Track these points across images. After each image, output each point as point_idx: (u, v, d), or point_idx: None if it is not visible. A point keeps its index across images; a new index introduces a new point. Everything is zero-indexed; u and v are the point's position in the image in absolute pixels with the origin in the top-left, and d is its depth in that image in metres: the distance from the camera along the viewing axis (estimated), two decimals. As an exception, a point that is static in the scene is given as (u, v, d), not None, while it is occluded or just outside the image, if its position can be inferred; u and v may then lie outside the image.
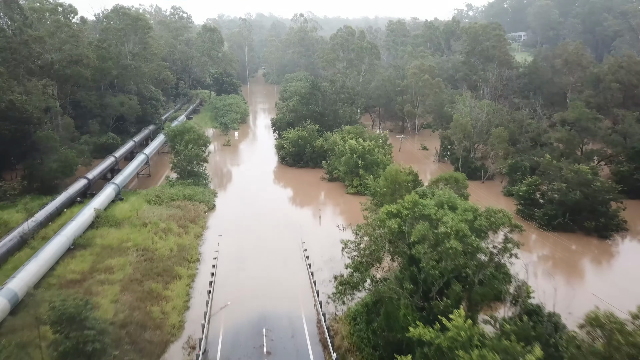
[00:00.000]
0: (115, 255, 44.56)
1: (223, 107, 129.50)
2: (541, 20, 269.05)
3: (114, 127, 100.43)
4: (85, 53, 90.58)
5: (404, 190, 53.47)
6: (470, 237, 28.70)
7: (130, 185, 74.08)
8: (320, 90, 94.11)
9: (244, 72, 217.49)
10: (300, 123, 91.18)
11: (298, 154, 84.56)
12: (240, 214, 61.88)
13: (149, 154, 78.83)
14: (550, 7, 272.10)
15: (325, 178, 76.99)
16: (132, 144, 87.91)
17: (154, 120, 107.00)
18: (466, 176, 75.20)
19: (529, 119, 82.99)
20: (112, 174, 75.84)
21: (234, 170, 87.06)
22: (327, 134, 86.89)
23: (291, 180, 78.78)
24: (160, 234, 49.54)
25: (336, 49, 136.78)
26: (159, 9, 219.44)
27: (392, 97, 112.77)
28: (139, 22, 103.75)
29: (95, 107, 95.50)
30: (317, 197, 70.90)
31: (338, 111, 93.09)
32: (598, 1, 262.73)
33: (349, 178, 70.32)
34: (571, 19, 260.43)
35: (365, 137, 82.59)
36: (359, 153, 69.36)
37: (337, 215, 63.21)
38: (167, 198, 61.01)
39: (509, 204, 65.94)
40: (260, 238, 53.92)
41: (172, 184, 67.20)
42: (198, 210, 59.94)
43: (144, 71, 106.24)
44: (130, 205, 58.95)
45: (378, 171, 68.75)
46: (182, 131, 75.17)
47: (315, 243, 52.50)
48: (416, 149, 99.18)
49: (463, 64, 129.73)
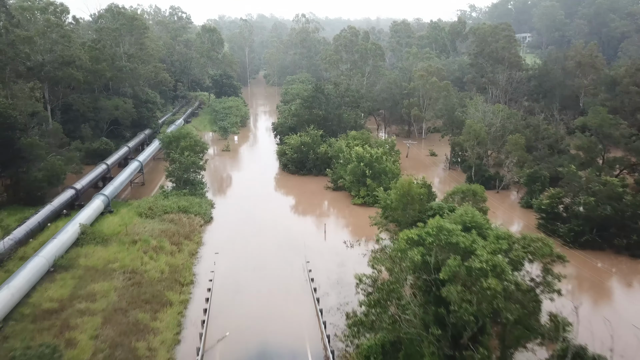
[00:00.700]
0: (100, 278, 40.10)
1: (222, 110, 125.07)
2: (546, 21, 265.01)
3: (108, 132, 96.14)
4: (77, 54, 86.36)
5: (417, 204, 49.05)
6: (509, 274, 24.20)
7: (123, 195, 69.73)
8: (323, 94, 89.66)
9: (244, 73, 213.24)
10: (303, 128, 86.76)
11: (300, 160, 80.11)
12: (238, 228, 57.42)
13: (142, 161, 74.40)
14: (555, 8, 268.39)
15: (329, 187, 72.53)
16: (125, 149, 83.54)
17: (150, 124, 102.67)
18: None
19: (544, 124, 78.42)
20: (104, 182, 71.63)
21: (233, 178, 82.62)
22: (331, 140, 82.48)
23: (293, 189, 74.32)
24: (151, 253, 45.05)
25: (339, 50, 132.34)
26: (158, 9, 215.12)
27: (398, 100, 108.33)
28: (135, 22, 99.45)
29: (88, 110, 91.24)
30: (321, 208, 66.40)
31: (342, 115, 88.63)
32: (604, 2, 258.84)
33: (356, 188, 65.85)
34: (577, 20, 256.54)
35: (371, 143, 78.35)
36: (366, 161, 64.90)
37: (343, 229, 58.71)
38: (160, 211, 56.56)
39: (527, 217, 61.51)
40: (260, 256, 49.43)
41: (166, 194, 62.72)
42: (193, 224, 55.48)
43: (140, 73, 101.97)
44: (120, 218, 54.53)
45: (386, 180, 64.43)
46: (178, 137, 70.73)
47: (321, 262, 48.04)
48: (424, 154, 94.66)
49: (471, 65, 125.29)
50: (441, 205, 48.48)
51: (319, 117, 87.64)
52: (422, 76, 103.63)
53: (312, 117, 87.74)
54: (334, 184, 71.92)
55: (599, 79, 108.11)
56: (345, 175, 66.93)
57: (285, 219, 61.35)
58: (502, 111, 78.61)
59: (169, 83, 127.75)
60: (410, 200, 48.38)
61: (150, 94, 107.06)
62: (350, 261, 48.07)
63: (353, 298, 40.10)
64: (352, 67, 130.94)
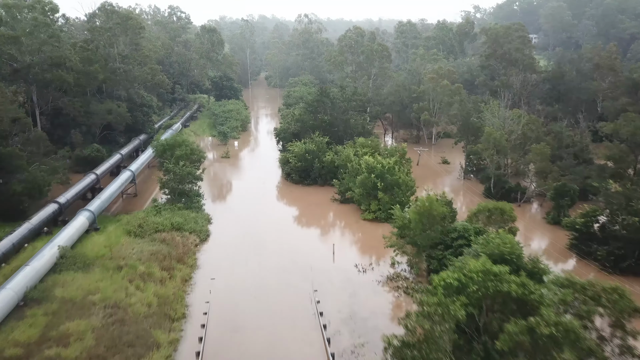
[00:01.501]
0: (76, 314, 34.63)
1: (222, 113, 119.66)
2: (553, 22, 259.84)
3: (101, 137, 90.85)
4: (67, 55, 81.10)
5: (440, 224, 43.58)
6: (584, 342, 18.72)
7: (114, 207, 64.35)
8: (329, 98, 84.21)
9: (245, 75, 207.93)
10: (307, 134, 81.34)
11: (305, 169, 74.65)
12: (237, 247, 51.93)
13: (135, 171, 68.96)
14: (562, 9, 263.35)
15: (336, 199, 67.05)
16: (118, 157, 78.12)
17: (145, 129, 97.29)
18: (500, 198, 66.02)
19: (567, 131, 72.90)
20: (93, 193, 66.29)
21: (233, 187, 77.15)
22: (338, 147, 77.03)
23: (297, 201, 68.86)
24: (138, 282, 39.59)
25: (344, 52, 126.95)
26: (158, 9, 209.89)
27: (406, 104, 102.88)
28: (129, 22, 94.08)
29: (79, 115, 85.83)
30: (328, 224, 60.82)
31: (349, 121, 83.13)
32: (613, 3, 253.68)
33: (366, 201, 60.35)
34: (585, 21, 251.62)
35: (381, 150, 72.92)
36: (377, 172, 59.39)
37: (353, 249, 53.20)
38: (151, 229, 51.08)
39: (556, 234, 56.01)
40: (262, 282, 43.95)
41: (159, 209, 57.20)
42: (188, 243, 50.03)
43: (135, 75, 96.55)
44: (106, 238, 49.08)
45: (399, 193, 59.00)
46: (173, 145, 65.29)
47: (330, 290, 42.54)
48: (436, 162, 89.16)
49: (482, 68, 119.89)
50: (466, 227, 43.07)
51: (325, 122, 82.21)
52: (432, 79, 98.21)
53: (317, 122, 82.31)
54: (341, 195, 66.49)
55: (618, 82, 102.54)
56: (354, 188, 61.43)
57: (289, 236, 55.85)
58: (520, 117, 73.18)
59: (167, 85, 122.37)
60: (432, 221, 42.92)
61: (146, 97, 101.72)
62: (364, 290, 42.63)
63: (369, 337, 34.77)
64: (357, 69, 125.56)
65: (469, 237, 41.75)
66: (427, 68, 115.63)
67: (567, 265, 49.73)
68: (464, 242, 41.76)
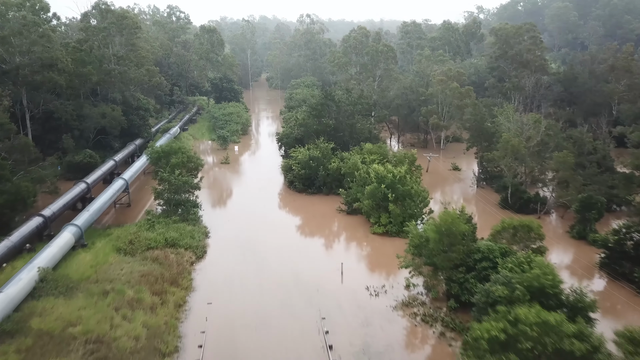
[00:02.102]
0: (54, 351, 30.47)
1: (222, 116, 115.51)
2: (559, 22, 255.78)
3: (95, 142, 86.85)
4: (58, 56, 76.99)
5: (461, 244, 39.35)
6: None
7: (105, 218, 60.23)
8: (334, 101, 79.98)
9: (246, 76, 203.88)
10: (311, 139, 77.16)
11: (309, 177, 70.47)
12: (237, 265, 47.73)
13: (128, 179, 64.78)
14: (568, 9, 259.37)
15: (342, 210, 62.81)
16: (111, 164, 73.94)
17: (141, 133, 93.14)
18: (518, 209, 61.84)
19: (588, 136, 68.64)
20: (84, 203, 62.22)
21: (232, 196, 72.92)
22: (343, 154, 72.86)
23: (301, 211, 64.62)
24: (125, 311, 35.39)
25: (348, 52, 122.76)
26: (157, 9, 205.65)
27: (414, 107, 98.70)
28: (125, 21, 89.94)
29: (71, 119, 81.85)
30: (334, 238, 56.52)
31: (355, 125, 78.88)
32: (619, 3, 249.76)
33: (375, 213, 56.09)
34: (591, 22, 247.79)
35: (389, 157, 68.77)
36: (387, 182, 55.15)
37: (363, 267, 48.93)
38: (143, 245, 46.92)
39: (581, 250, 51.76)
40: (264, 308, 39.71)
41: (152, 222, 52.93)
42: (182, 261, 45.86)
43: (131, 77, 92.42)
44: (93, 256, 44.91)
45: (412, 205, 54.77)
46: (169, 152, 61.12)
47: (339, 318, 38.31)
48: (446, 168, 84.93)
49: (491, 69, 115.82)
50: (491, 247, 38.82)
51: (329, 127, 77.98)
52: (441, 81, 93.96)
53: (321, 127, 78.08)
54: (347, 206, 62.27)
55: (635, 84, 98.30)
56: (363, 199, 57.16)
57: (292, 251, 51.60)
58: (538, 121, 68.95)
59: (165, 87, 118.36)
60: (453, 240, 38.69)
61: (143, 100, 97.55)
62: (377, 317, 38.37)
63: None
64: (362, 71, 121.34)
65: (495, 258, 37.58)
66: (434, 69, 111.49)
67: (597, 285, 45.49)
68: (488, 264, 37.60)
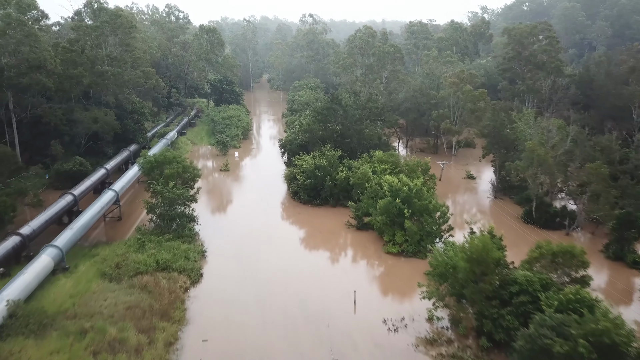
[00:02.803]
0: (15, 411, 25.33)
1: (222, 120, 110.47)
2: (566, 23, 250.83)
3: (87, 148, 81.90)
4: (46, 57, 72.02)
5: (495, 274, 34.21)
6: None
7: (93, 234, 55.15)
8: (341, 105, 74.83)
9: (247, 77, 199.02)
10: (317, 146, 72.11)
11: (314, 188, 65.35)
12: (236, 291, 42.54)
13: (119, 191, 59.62)
14: (576, 9, 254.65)
15: (352, 225, 57.60)
16: (102, 173, 68.82)
17: (136, 138, 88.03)
18: (543, 224, 56.72)
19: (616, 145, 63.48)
20: (71, 217, 57.17)
21: (232, 208, 67.63)
22: (351, 162, 67.79)
23: (306, 225, 59.44)
24: (105, 355, 30.22)
25: (354, 53, 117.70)
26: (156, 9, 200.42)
27: (424, 110, 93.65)
28: (119, 20, 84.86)
29: (61, 123, 76.85)
30: (344, 258, 51.13)
31: (363, 131, 73.70)
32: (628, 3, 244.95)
33: (389, 231, 50.87)
34: (599, 22, 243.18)
35: (401, 165, 63.66)
36: (402, 196, 50.00)
37: (377, 293, 43.76)
38: (131, 270, 41.80)
39: (619, 273, 46.57)
40: (266, 349, 34.46)
41: (142, 242, 47.75)
42: (175, 288, 40.71)
43: (125, 79, 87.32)
44: (74, 282, 39.84)
45: (430, 222, 49.58)
46: (162, 162, 56.01)
47: (354, 358, 33.13)
48: (460, 177, 79.76)
49: (503, 71, 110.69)
50: (529, 278, 33.62)
51: (336, 133, 72.86)
52: (453, 83, 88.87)
53: (327, 133, 72.96)
54: (357, 221, 57.09)
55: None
56: (375, 214, 51.96)
57: (298, 274, 46.41)
58: (562, 128, 63.86)
59: (162, 89, 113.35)
60: (485, 269, 33.51)
61: (138, 103, 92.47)
62: (398, 359, 33.18)
63: None
64: (368, 72, 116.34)
65: (535, 292, 32.40)
66: (444, 71, 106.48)
67: (636, 313, 40.36)
68: (527, 298, 32.41)
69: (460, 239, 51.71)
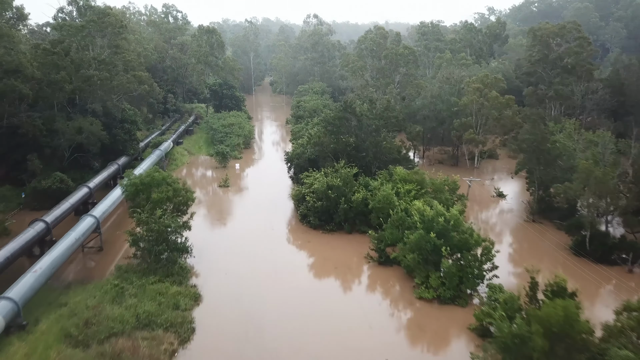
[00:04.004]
0: None
1: (221, 128, 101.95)
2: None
3: (71, 161, 73.57)
4: (21, 60, 63.74)
5: (581, 350, 25.40)
6: None
7: (68, 268, 46.69)
8: (355, 114, 66.20)
9: (248, 80, 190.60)
10: (328, 161, 63.57)
11: (327, 210, 56.74)
12: (235, 353, 33.93)
13: (99, 217, 51.00)
14: (589, 10, 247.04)
15: (373, 258, 48.85)
16: (84, 192, 60.33)
17: (127, 149, 79.52)
18: (598, 258, 47.96)
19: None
20: (43, 247, 48.77)
21: (231, 233, 58.70)
22: (368, 180, 59.22)
23: (318, 258, 50.67)
24: None
25: (364, 56, 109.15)
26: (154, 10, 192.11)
27: (444, 118, 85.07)
28: (107, 19, 76.35)
29: (40, 134, 68.46)
30: (367, 304, 42.05)
31: (381, 144, 64.98)
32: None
33: (422, 271, 42.12)
34: (613, 23, 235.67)
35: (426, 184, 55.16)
36: (437, 228, 41.36)
37: (408, 348, 35.07)
38: (103, 330, 33.06)
39: None
40: None
41: (121, 288, 38.98)
42: (158, 354, 32.03)
43: (114, 84, 78.82)
44: (29, 348, 31.17)
45: (471, 261, 40.90)
46: (149, 184, 47.36)
47: None
48: (489, 194, 71.11)
49: (527, 75, 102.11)
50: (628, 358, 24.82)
51: (350, 146, 64.26)
52: (477, 89, 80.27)
53: (339, 146, 64.34)
54: (379, 253, 48.38)
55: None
56: (405, 252, 43.23)
57: (312, 327, 37.65)
58: (610, 142, 55.32)
59: (157, 94, 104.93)
60: (570, 346, 24.75)
61: (129, 111, 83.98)
62: None
63: None
64: (379, 76, 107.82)
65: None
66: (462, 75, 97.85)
67: None
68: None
69: (504, 279, 43.34)
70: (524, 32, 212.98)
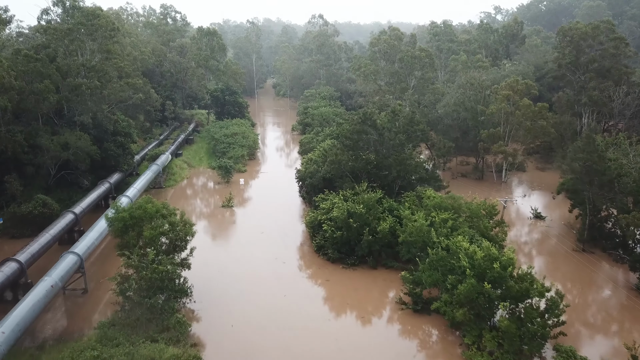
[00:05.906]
0: None
1: (224, 138, 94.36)
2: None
3: (58, 180, 66.31)
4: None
5: None
6: None
7: (44, 319, 39.19)
8: (376, 127, 58.46)
9: (251, 83, 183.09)
10: (346, 181, 55.97)
11: (347, 242, 49.10)
12: None
13: (83, 255, 43.31)
14: (601, 8, 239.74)
15: (406, 303, 41.13)
16: (69, 218, 52.74)
17: (120, 164, 72.00)
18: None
19: None
20: (15, 291, 41.53)
21: (237, 268, 50.61)
22: (392, 203, 51.62)
23: (340, 301, 42.91)
24: None
25: (376, 59, 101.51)
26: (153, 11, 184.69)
27: (469, 128, 77.40)
28: (97, 21, 68.75)
29: (21, 151, 61.06)
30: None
31: (406, 161, 57.13)
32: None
33: (474, 329, 34.34)
34: (627, 21, 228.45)
35: (463, 211, 47.60)
36: (492, 276, 33.65)
37: None
38: None
39: None
40: None
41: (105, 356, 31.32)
42: None
43: (106, 93, 71.31)
44: None
45: (532, 314, 33.13)
46: (140, 218, 39.57)
47: None
48: (525, 215, 63.40)
49: (555, 79, 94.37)
50: None
51: (370, 164, 56.56)
52: (507, 96, 72.57)
53: (358, 164, 56.65)
54: (413, 298, 40.68)
55: None
56: (450, 305, 35.49)
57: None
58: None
59: (155, 102, 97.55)
60: None
61: (122, 122, 76.45)
62: None
63: None
64: (392, 80, 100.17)
65: None
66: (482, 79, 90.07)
67: None
68: None
69: (570, 336, 35.66)
70: (536, 32, 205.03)
